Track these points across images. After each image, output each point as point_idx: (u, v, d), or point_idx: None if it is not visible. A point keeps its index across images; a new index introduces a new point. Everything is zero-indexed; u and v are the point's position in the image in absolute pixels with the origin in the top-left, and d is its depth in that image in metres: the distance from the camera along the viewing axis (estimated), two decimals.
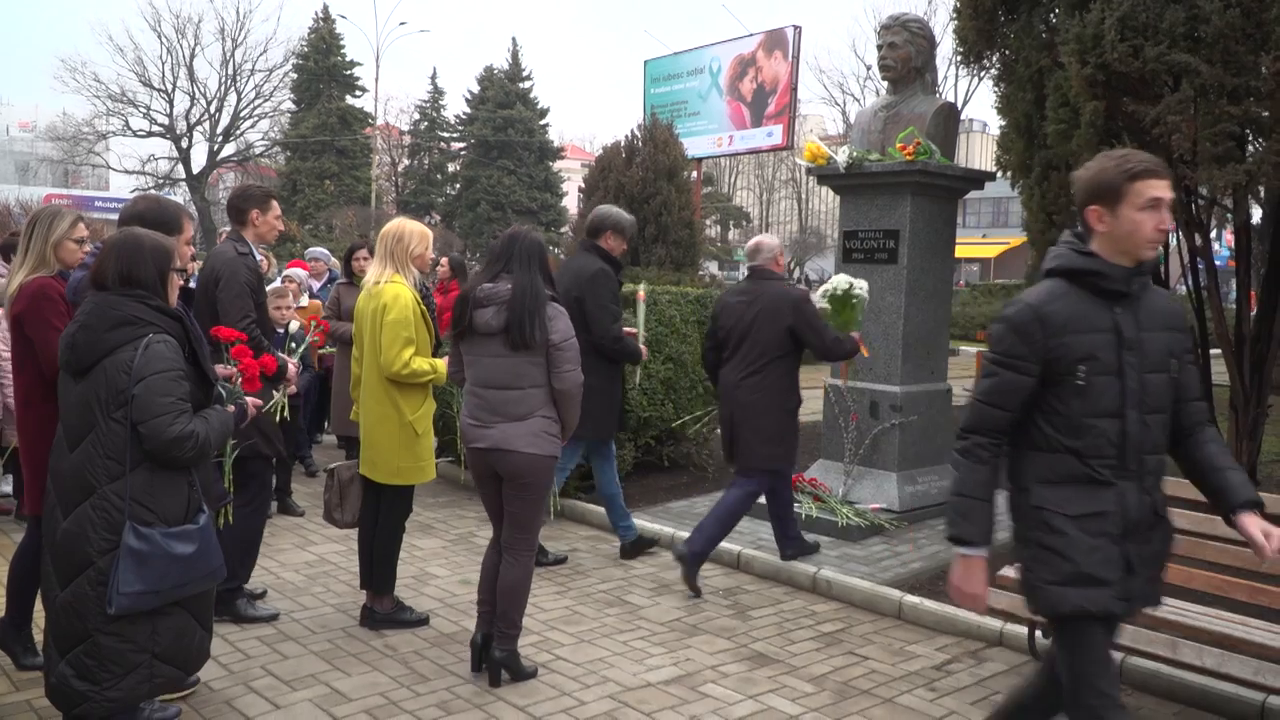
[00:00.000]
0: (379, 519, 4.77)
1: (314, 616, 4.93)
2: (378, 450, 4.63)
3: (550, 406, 4.12)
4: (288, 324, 6.45)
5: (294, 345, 5.53)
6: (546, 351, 4.05)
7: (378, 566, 4.78)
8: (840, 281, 5.78)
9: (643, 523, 6.39)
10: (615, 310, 5.62)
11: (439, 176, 56.89)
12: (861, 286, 5.75)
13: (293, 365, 4.93)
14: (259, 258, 4.95)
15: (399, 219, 4.79)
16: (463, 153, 55.59)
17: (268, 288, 7.82)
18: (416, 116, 56.41)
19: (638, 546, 6.08)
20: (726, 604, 5.32)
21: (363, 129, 49.43)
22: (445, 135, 56.88)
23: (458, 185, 55.59)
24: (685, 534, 6.27)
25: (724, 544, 6.08)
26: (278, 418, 4.81)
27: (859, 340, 5.70)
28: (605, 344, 5.55)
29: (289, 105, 50.69)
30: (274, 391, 4.72)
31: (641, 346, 5.86)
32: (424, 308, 4.61)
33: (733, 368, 5.49)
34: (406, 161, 57.55)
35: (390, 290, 4.53)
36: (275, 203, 5.04)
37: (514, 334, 4.01)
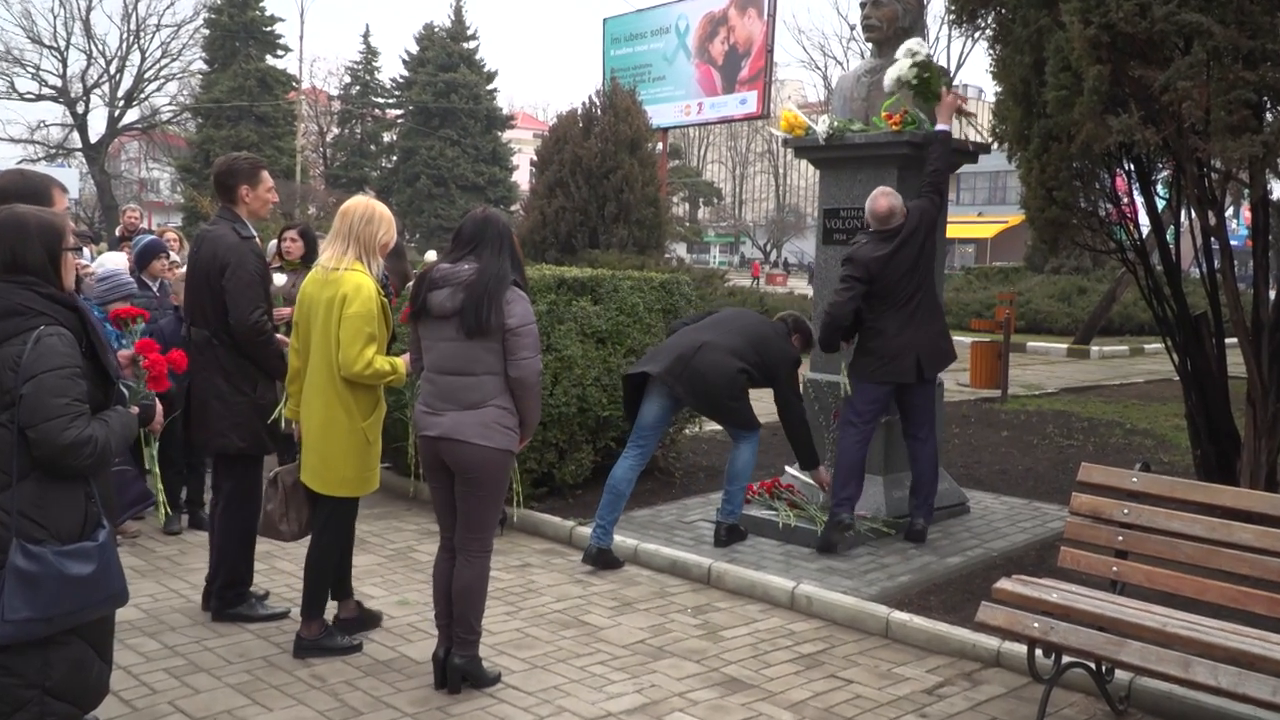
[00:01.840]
0: (315, 533, 4.79)
1: (231, 645, 4.88)
2: (322, 457, 4.63)
3: (506, 396, 4.25)
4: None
5: None
6: (503, 337, 4.16)
7: (308, 586, 4.78)
8: (904, 65, 6.50)
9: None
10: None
11: (373, 148, 56.45)
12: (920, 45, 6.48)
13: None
14: (257, 238, 5.10)
15: (365, 198, 4.78)
16: (400, 121, 55.20)
17: (180, 271, 7.79)
18: (347, 80, 55.96)
19: (733, 533, 6.40)
20: (695, 623, 5.33)
21: (285, 93, 48.89)
22: (380, 101, 56.44)
23: (394, 158, 55.21)
24: (651, 546, 6.29)
25: (693, 557, 6.11)
26: (282, 424, 5.02)
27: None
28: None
29: (200, 66, 50.04)
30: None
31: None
32: (384, 300, 4.64)
33: (912, 301, 6.19)
34: (335, 130, 57.05)
35: (351, 279, 4.51)
36: (266, 174, 5.16)
37: (468, 317, 4.14)
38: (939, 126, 6.47)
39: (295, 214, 33.13)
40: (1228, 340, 6.94)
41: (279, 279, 7.05)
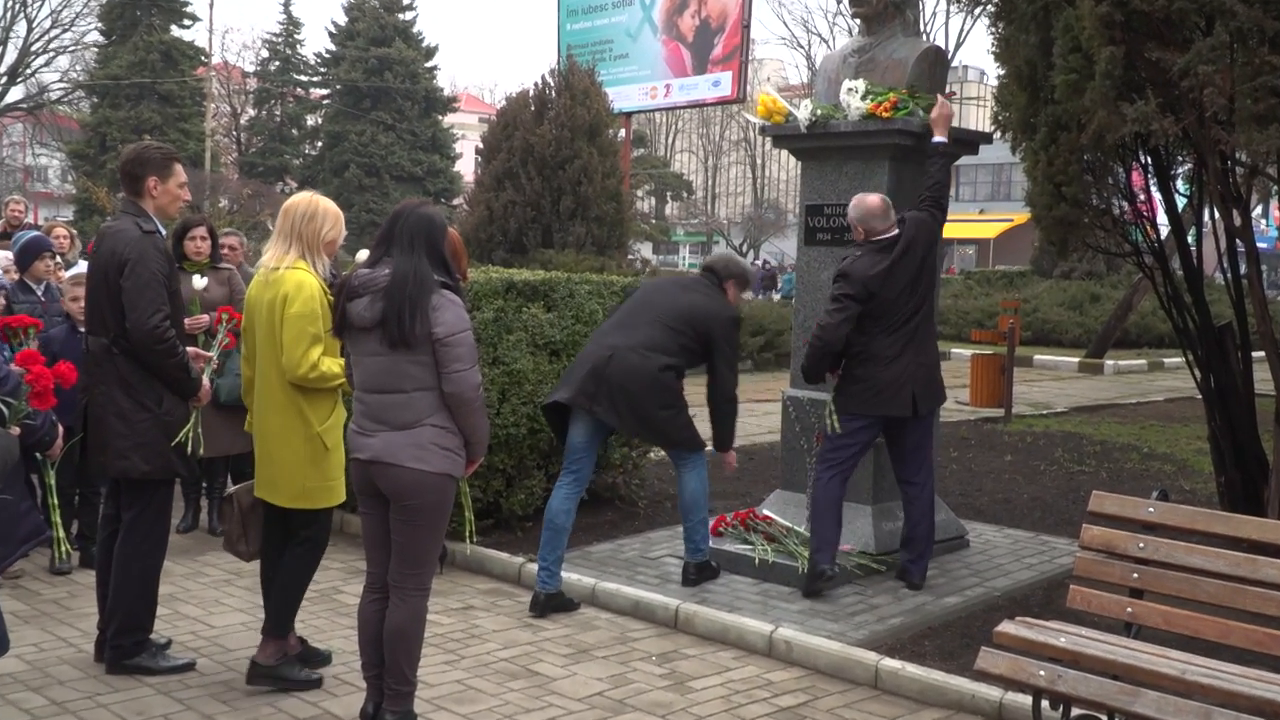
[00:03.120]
0: (286, 549, 4.96)
1: (128, 701, 4.84)
2: (280, 468, 4.81)
3: (444, 414, 4.27)
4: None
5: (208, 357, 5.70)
6: (433, 348, 4.18)
7: (274, 603, 4.94)
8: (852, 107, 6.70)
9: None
10: None
11: (294, 132, 56.10)
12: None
13: (206, 381, 5.26)
14: (164, 234, 5.16)
15: (309, 194, 5.00)
16: (326, 102, 54.89)
17: (67, 273, 7.72)
18: (265, 54, 55.58)
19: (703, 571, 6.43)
20: (661, 672, 5.34)
21: (193, 69, 48.47)
22: (302, 79, 56.11)
23: (319, 144, 54.85)
24: (611, 585, 6.29)
25: (659, 597, 6.12)
26: (189, 448, 5.08)
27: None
28: None
29: (96, 37, 49.56)
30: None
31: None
32: (332, 299, 4.72)
33: (909, 323, 6.20)
34: (251, 112, 56.64)
35: (292, 278, 4.71)
36: (179, 167, 5.22)
37: (390, 327, 4.16)
38: (935, 139, 6.51)
39: (205, 207, 32.86)
40: (1255, 354, 7.06)
41: (196, 281, 7.01)
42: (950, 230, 6.64)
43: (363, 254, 4.71)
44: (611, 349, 6.10)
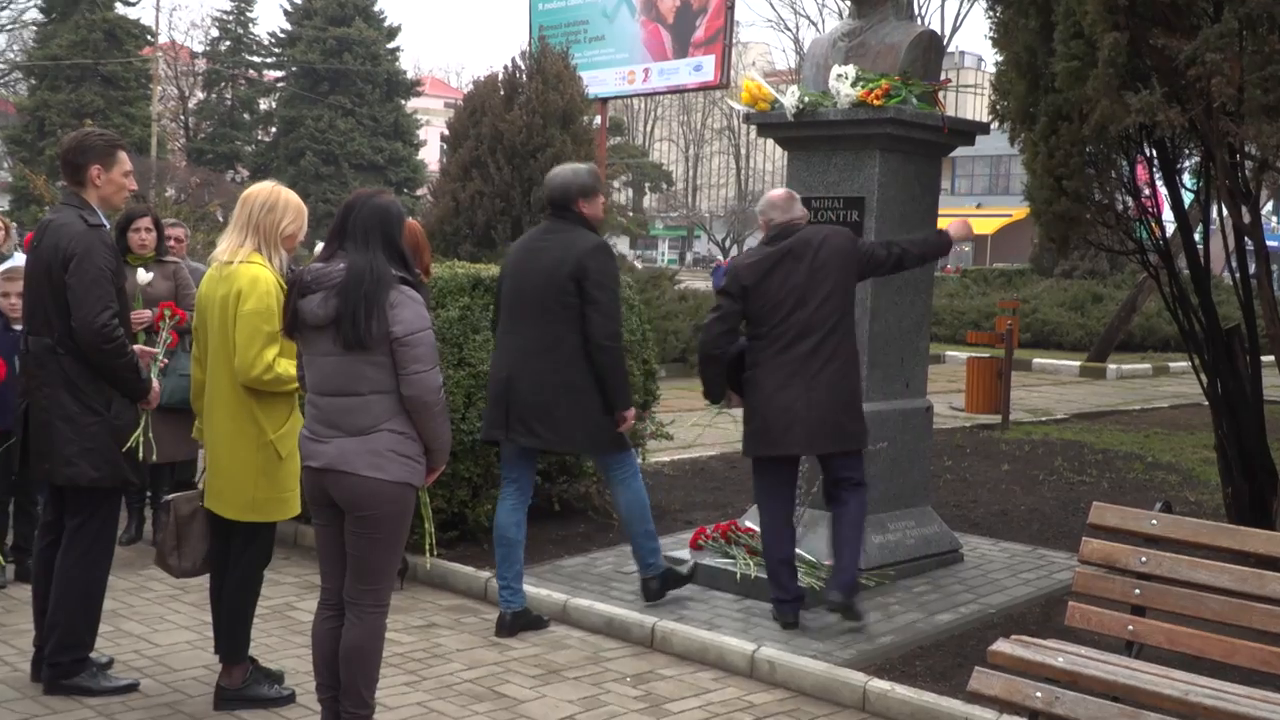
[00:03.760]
0: (229, 567, 4.95)
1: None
2: (229, 478, 4.81)
3: (403, 419, 4.26)
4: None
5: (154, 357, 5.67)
6: (390, 348, 4.17)
7: (226, 627, 4.94)
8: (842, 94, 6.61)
9: (528, 587, 6.38)
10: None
11: (246, 117, 55.85)
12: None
13: (155, 383, 5.22)
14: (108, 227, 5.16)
15: (269, 183, 5.01)
16: (280, 85, 54.70)
17: (2, 266, 7.66)
18: (215, 34, 55.31)
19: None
20: (636, 694, 5.34)
21: (139, 49, 48.23)
22: (255, 61, 55.86)
23: (273, 129, 54.65)
24: (583, 601, 6.29)
25: (634, 615, 6.13)
26: (139, 454, 5.09)
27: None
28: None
29: (35, 15, 49.28)
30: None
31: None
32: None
33: (801, 344, 5.88)
34: (200, 95, 56.35)
35: (247, 272, 4.72)
36: (124, 155, 5.19)
37: (345, 326, 4.15)
38: (940, 229, 6.56)
39: (150, 197, 32.67)
40: (1264, 358, 7.11)
41: (141, 275, 6.97)
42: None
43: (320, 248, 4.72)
44: (508, 370, 5.98)
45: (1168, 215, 7.68)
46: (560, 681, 5.47)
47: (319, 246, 4.88)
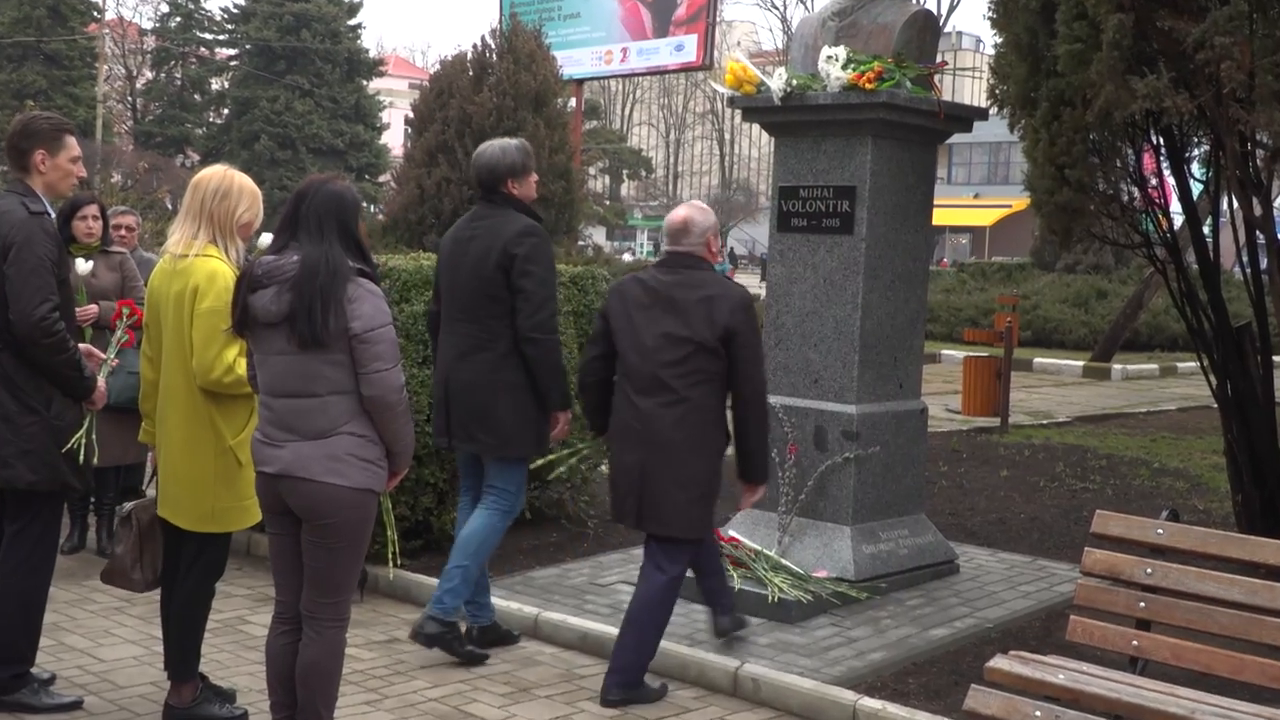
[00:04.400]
0: (178, 579, 4.93)
1: None
2: (187, 486, 4.78)
3: (363, 421, 4.24)
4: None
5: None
6: (349, 346, 4.15)
7: (175, 642, 4.93)
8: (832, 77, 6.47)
9: (497, 600, 6.39)
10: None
11: (197, 98, 55.71)
12: None
13: (102, 382, 5.17)
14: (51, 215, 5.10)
15: (220, 167, 4.97)
16: (233, 64, 54.55)
17: None
18: (164, 9, 55.15)
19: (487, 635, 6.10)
20: (611, 715, 5.34)
21: (84, 26, 48.04)
22: (207, 38, 55.72)
23: (225, 111, 54.50)
24: (556, 615, 6.29)
25: (610, 629, 6.10)
26: (81, 457, 5.06)
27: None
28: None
29: None
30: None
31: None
32: None
33: (641, 392, 5.47)
34: (149, 74, 56.17)
35: (203, 267, 4.67)
36: (72, 140, 5.17)
37: (300, 323, 4.12)
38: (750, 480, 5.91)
39: (95, 183, 32.50)
40: (1276, 358, 7.15)
41: (81, 266, 6.93)
42: (941, 217, 6.70)
43: (266, 238, 4.66)
44: (445, 371, 5.94)
45: (1175, 207, 7.72)
46: (531, 700, 5.47)
47: (265, 237, 4.85)
